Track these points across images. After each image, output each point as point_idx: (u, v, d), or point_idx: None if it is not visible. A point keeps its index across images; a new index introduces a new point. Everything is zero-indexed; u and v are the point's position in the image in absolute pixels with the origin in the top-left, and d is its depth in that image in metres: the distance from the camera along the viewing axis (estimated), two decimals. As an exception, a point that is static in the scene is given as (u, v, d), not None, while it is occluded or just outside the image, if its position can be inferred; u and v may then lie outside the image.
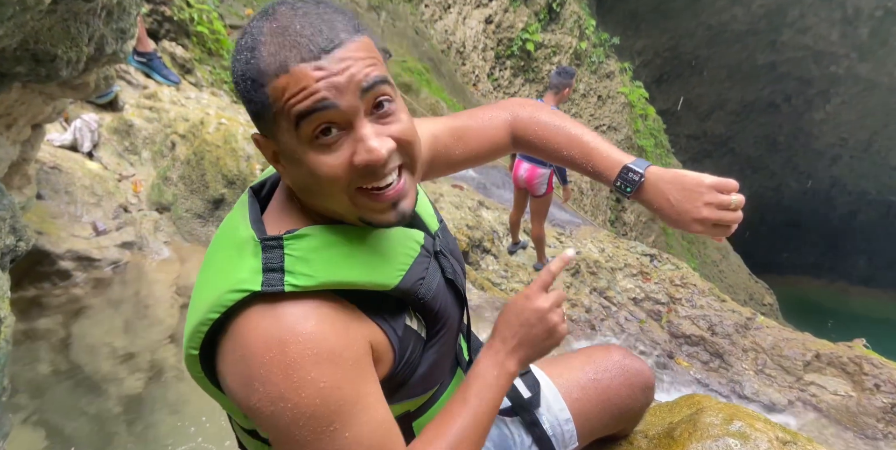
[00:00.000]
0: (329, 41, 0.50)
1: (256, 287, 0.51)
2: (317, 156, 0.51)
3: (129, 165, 3.11)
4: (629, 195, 0.73)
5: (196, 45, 3.84)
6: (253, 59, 0.51)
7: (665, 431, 0.82)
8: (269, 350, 0.50)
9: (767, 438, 0.74)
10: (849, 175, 12.79)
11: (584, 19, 8.98)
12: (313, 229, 0.56)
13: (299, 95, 0.49)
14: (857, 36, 9.87)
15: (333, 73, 0.49)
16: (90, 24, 1.20)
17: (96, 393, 2.03)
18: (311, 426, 0.50)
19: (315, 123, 0.50)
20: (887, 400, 2.81)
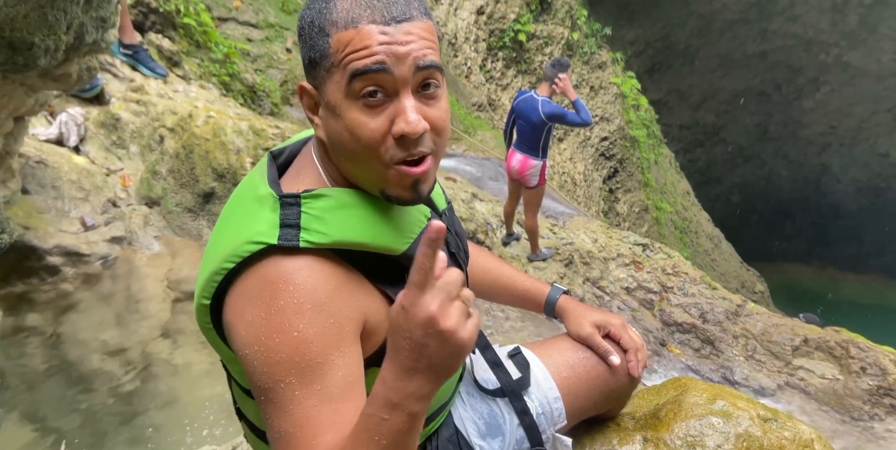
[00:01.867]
0: (402, 13, 0.53)
1: (273, 240, 0.53)
2: (358, 114, 0.54)
3: (116, 160, 3.07)
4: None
5: (183, 37, 3.77)
6: (326, 10, 0.53)
7: (651, 412, 0.84)
8: (262, 295, 0.52)
9: (749, 416, 0.76)
10: (838, 163, 12.91)
11: (575, 10, 8.93)
12: (331, 190, 0.58)
13: (361, 52, 0.52)
14: (846, 24, 9.90)
15: (397, 42, 0.52)
16: (68, 12, 1.17)
17: (87, 387, 2.03)
18: (271, 373, 0.51)
19: (367, 82, 0.52)
20: (873, 382, 2.87)
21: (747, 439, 0.73)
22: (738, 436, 0.74)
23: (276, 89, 4.59)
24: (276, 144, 2.82)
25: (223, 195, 2.77)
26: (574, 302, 0.90)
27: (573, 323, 0.86)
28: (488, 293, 0.95)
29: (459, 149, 6.68)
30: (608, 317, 0.86)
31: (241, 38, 5.09)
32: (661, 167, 10.50)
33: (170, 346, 2.29)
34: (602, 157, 9.41)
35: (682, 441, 0.76)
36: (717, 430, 0.75)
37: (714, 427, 0.75)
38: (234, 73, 4.02)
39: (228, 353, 0.61)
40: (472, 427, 0.79)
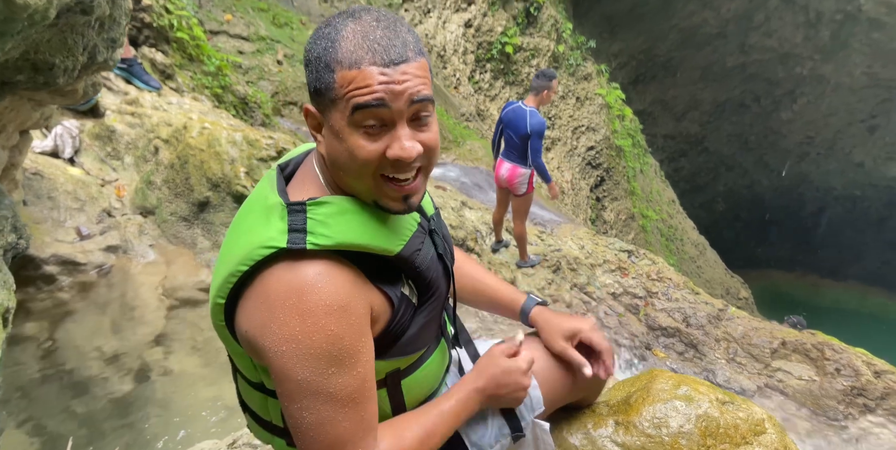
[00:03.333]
0: (399, 56, 0.61)
1: (283, 244, 0.61)
2: (359, 139, 0.62)
3: (111, 171, 3.11)
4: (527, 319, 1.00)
5: (176, 50, 3.84)
6: (331, 49, 0.61)
7: (623, 399, 0.92)
8: (290, 298, 0.59)
9: (708, 399, 0.85)
10: (816, 172, 13.30)
11: (560, 23, 9.17)
12: (332, 198, 0.66)
13: (363, 90, 0.60)
14: (819, 38, 10.30)
15: (394, 81, 0.60)
16: (85, 35, 1.25)
17: (84, 394, 2.06)
18: (312, 367, 0.59)
19: (368, 115, 0.61)
20: (847, 383, 2.99)
21: (706, 419, 0.82)
22: (699, 417, 0.83)
23: (267, 100, 4.67)
24: (269, 153, 2.89)
25: (217, 204, 2.83)
26: (546, 313, 0.95)
27: (545, 339, 0.92)
28: (470, 299, 1.01)
29: (449, 158, 6.79)
30: (577, 324, 0.90)
31: (233, 50, 5.18)
32: (646, 176, 10.72)
33: (164, 352, 2.32)
34: (589, 166, 9.59)
35: (649, 423, 0.84)
36: (679, 412, 0.84)
37: (677, 410, 0.84)
38: (227, 85, 4.09)
39: (237, 348, 0.67)
40: None
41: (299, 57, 5.59)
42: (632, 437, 0.84)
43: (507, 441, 0.86)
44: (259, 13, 5.82)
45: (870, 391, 2.91)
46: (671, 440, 0.81)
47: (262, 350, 0.61)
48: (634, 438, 0.84)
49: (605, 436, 0.86)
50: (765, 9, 10.28)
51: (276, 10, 6.14)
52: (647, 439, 0.83)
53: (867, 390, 2.93)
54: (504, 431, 0.86)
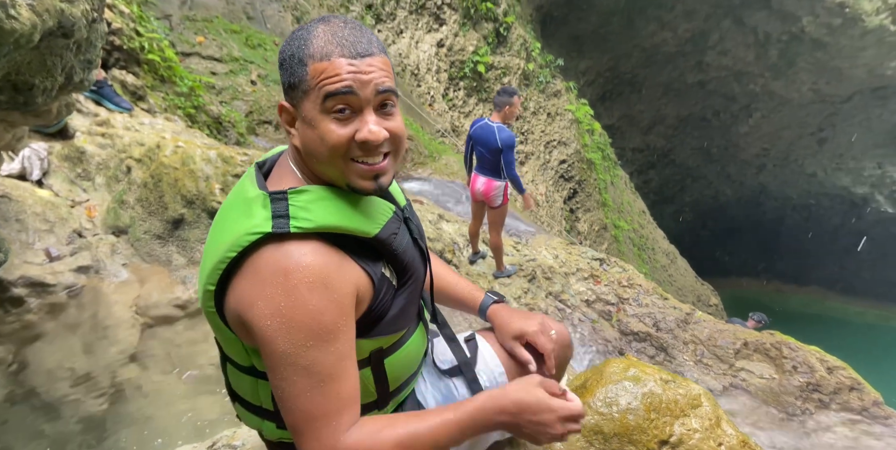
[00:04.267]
0: (365, 49, 0.69)
1: (268, 229, 0.66)
2: (329, 124, 0.69)
3: (81, 191, 3.08)
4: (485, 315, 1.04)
5: (147, 72, 3.87)
6: (304, 46, 0.69)
7: (581, 384, 1.01)
8: (277, 275, 0.64)
9: (653, 379, 0.94)
10: (773, 182, 14.01)
11: (529, 42, 9.54)
12: (311, 187, 0.72)
13: (333, 79, 0.67)
14: (768, 57, 11.02)
15: (362, 72, 0.68)
16: (63, 57, 1.31)
17: (55, 415, 2.02)
18: (293, 340, 0.64)
19: (338, 101, 0.68)
20: (803, 380, 3.16)
21: (651, 396, 0.92)
22: (644, 394, 0.92)
23: (241, 120, 4.71)
24: (244, 170, 2.94)
25: (192, 221, 2.84)
26: (503, 312, 1.01)
27: (498, 337, 0.99)
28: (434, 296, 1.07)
29: (425, 172, 6.91)
30: (525, 325, 0.96)
31: (206, 71, 5.22)
32: (617, 188, 11.07)
33: (139, 370, 2.30)
34: (562, 178, 9.87)
35: (602, 402, 0.93)
36: (628, 391, 0.93)
37: (626, 389, 0.93)
38: (200, 105, 4.12)
39: (228, 334, 0.73)
40: (431, 400, 0.92)
41: (273, 77, 5.66)
42: (587, 416, 0.93)
43: None
44: (232, 35, 5.89)
45: (824, 387, 3.08)
46: (620, 416, 0.90)
47: (250, 325, 0.66)
48: (589, 416, 0.93)
49: (563, 417, 0.94)
50: (718, 29, 10.96)
51: (249, 31, 6.23)
52: (600, 416, 0.92)
53: (821, 386, 3.11)
54: None
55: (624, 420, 0.90)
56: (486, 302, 1.03)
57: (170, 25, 5.26)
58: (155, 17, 4.64)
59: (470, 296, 1.05)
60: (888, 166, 12.26)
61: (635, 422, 0.89)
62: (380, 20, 8.33)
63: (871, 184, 12.66)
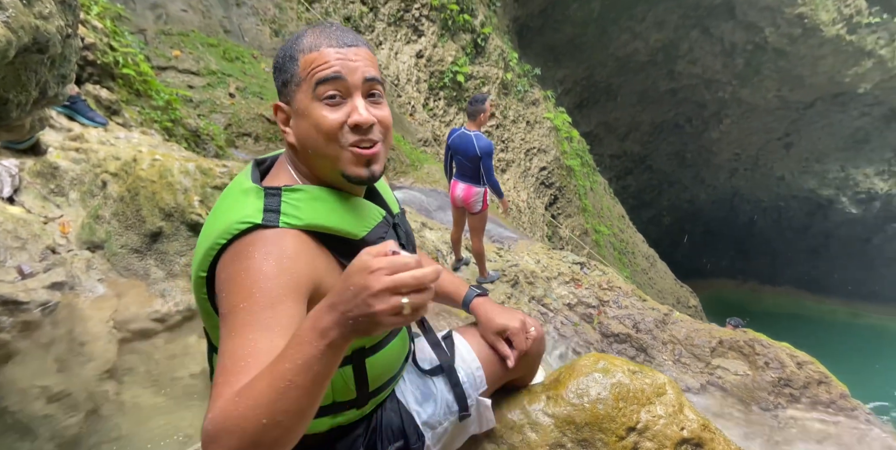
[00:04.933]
0: (351, 41, 0.75)
1: (258, 220, 0.69)
2: (322, 110, 0.73)
3: (55, 208, 3.04)
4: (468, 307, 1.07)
5: (122, 86, 3.85)
6: (295, 44, 0.74)
7: (555, 378, 1.06)
8: (244, 250, 0.68)
9: (622, 370, 1.00)
10: (745, 185, 14.50)
11: (507, 53, 9.74)
12: (306, 186, 0.75)
13: (322, 66, 0.72)
14: (735, 66, 11.49)
15: (349, 59, 0.74)
16: (38, 72, 1.33)
17: (28, 435, 1.97)
18: (232, 301, 0.65)
19: (328, 86, 0.72)
20: (775, 375, 3.28)
21: (619, 386, 0.97)
22: (613, 385, 0.97)
23: (220, 133, 4.69)
24: (224, 181, 2.94)
25: (171, 234, 2.82)
26: (485, 306, 1.06)
27: (481, 331, 1.04)
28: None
29: (407, 181, 6.96)
30: (508, 322, 1.01)
31: (182, 85, 5.19)
32: (596, 193, 11.29)
33: (117, 386, 2.26)
34: (542, 185, 10.04)
35: (574, 394, 0.98)
36: (598, 382, 0.98)
37: (596, 381, 0.98)
38: (177, 118, 4.10)
39: (216, 320, 0.72)
40: (410, 397, 0.96)
41: (252, 90, 5.66)
42: (560, 407, 0.98)
43: (454, 418, 0.97)
44: (209, 48, 5.88)
45: (794, 381, 3.20)
46: (591, 406, 0.95)
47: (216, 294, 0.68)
48: (562, 408, 0.97)
49: (538, 409, 0.99)
50: (687, 39, 11.38)
51: (227, 45, 6.23)
52: (571, 407, 0.97)
53: (792, 381, 3.22)
54: (453, 409, 0.96)
55: (594, 410, 0.95)
56: (470, 295, 1.08)
57: (145, 40, 5.23)
58: (129, 32, 4.62)
59: (454, 289, 1.09)
60: (850, 169, 12.82)
61: (605, 411, 0.94)
62: (358, 32, 8.42)
63: (835, 186, 13.20)
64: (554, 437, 0.97)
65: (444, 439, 0.96)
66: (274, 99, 5.59)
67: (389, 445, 0.90)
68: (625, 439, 0.92)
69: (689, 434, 0.91)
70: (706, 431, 0.93)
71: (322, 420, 0.84)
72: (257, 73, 6.03)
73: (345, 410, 0.85)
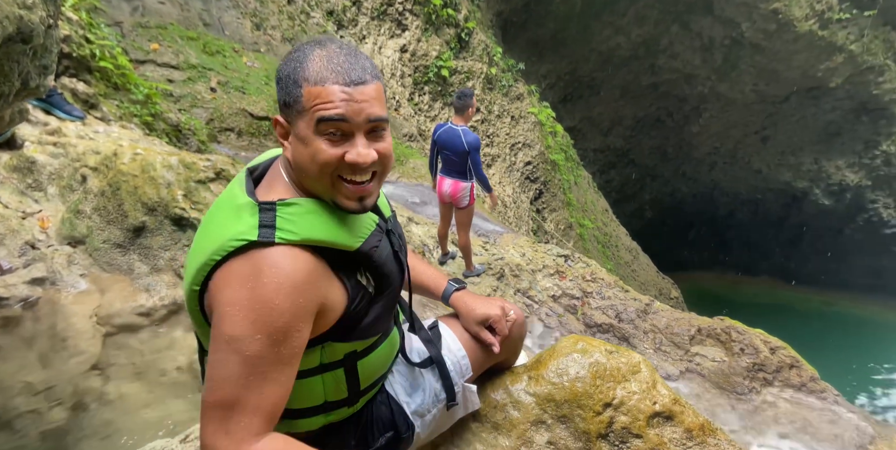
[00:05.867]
0: (359, 77, 0.73)
1: (254, 237, 0.70)
2: (321, 144, 0.73)
3: (33, 202, 2.98)
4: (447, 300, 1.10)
5: (100, 80, 3.77)
6: (300, 68, 0.73)
7: (536, 359, 1.11)
8: (250, 272, 0.69)
9: (599, 350, 1.05)
10: (724, 179, 14.83)
11: (491, 47, 9.76)
12: (300, 200, 0.76)
13: (327, 105, 0.71)
14: (713, 61, 11.72)
15: (354, 100, 0.72)
16: (20, 62, 1.32)
17: (11, 431, 1.96)
18: (245, 329, 0.67)
19: (330, 126, 0.72)
20: (749, 360, 3.40)
21: (596, 365, 1.02)
22: (591, 364, 1.02)
23: (202, 127, 4.63)
24: (207, 175, 2.92)
25: (155, 228, 2.80)
26: (465, 298, 1.09)
27: (463, 322, 1.07)
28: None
29: (393, 176, 6.96)
30: (489, 310, 1.04)
31: (162, 79, 5.10)
32: (580, 188, 11.43)
33: (102, 380, 2.25)
34: (527, 180, 10.12)
35: (554, 373, 1.03)
36: (577, 362, 1.03)
37: (575, 360, 1.03)
38: (157, 113, 4.04)
39: (208, 330, 0.74)
40: (399, 389, 0.99)
41: (234, 84, 5.59)
42: (541, 387, 1.03)
43: (442, 406, 1.00)
44: (188, 42, 5.77)
45: (767, 366, 3.33)
46: (570, 384, 1.00)
47: (213, 307, 0.70)
48: (542, 387, 1.02)
49: (520, 389, 1.04)
50: (667, 34, 11.55)
51: (207, 38, 6.12)
52: (552, 386, 1.02)
53: (765, 365, 3.36)
54: (440, 397, 1.00)
55: (573, 388, 1.00)
56: (449, 289, 1.11)
57: (121, 32, 5.12)
58: (105, 24, 4.51)
59: (434, 284, 1.12)
60: (824, 162, 13.21)
61: (583, 389, 0.99)
62: (342, 26, 8.34)
63: (809, 178, 13.59)
64: (535, 414, 1.02)
65: (431, 425, 1.00)
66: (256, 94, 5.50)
67: (380, 436, 0.93)
68: (601, 414, 0.97)
69: (661, 408, 0.97)
70: (677, 404, 0.99)
71: (314, 419, 0.86)
72: (239, 68, 5.95)
73: (337, 408, 0.87)
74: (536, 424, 1.01)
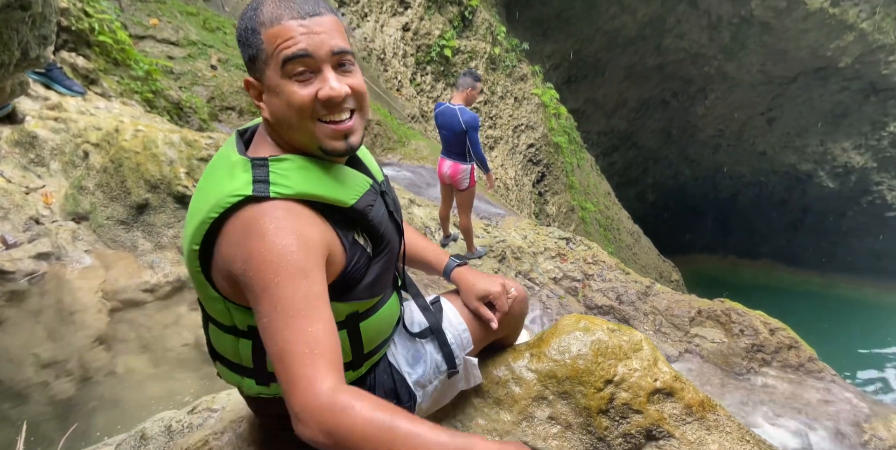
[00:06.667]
0: (312, 9, 0.72)
1: (249, 192, 0.70)
2: (292, 86, 0.71)
3: (36, 178, 2.97)
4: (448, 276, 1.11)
5: (99, 55, 3.71)
6: (254, 14, 0.71)
7: (538, 337, 1.12)
8: (253, 225, 0.69)
9: (601, 329, 1.06)
10: (728, 161, 14.70)
11: (494, 26, 9.54)
12: (291, 156, 0.75)
13: (287, 42, 0.70)
14: (721, 40, 11.45)
15: (314, 32, 0.71)
16: (19, 31, 1.30)
17: (22, 400, 2.00)
18: (265, 278, 0.68)
19: (296, 64, 0.70)
20: (748, 341, 3.44)
21: (598, 343, 1.03)
22: (593, 342, 1.03)
23: (203, 106, 4.58)
24: (210, 153, 2.90)
25: (158, 206, 2.80)
26: (466, 274, 1.09)
27: (463, 297, 1.07)
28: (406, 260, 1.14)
29: (395, 158, 6.91)
30: (489, 286, 1.05)
31: (161, 55, 5.01)
32: (583, 170, 11.34)
33: (109, 354, 2.29)
34: (530, 162, 10.04)
35: (556, 351, 1.04)
36: (579, 340, 1.04)
37: (577, 338, 1.04)
38: (158, 90, 3.99)
39: (212, 293, 0.77)
40: (402, 360, 1.00)
41: (235, 62, 5.49)
42: (542, 363, 1.04)
43: (443, 377, 1.02)
44: (188, 17, 5.65)
45: (766, 347, 3.37)
46: (572, 362, 1.01)
47: (235, 277, 0.71)
48: (544, 364, 1.03)
49: (522, 366, 1.05)
50: (674, 13, 11.26)
51: (206, 14, 5.99)
52: (553, 363, 1.02)
53: (764, 346, 3.39)
54: (442, 368, 1.01)
55: (575, 365, 1.01)
56: (451, 265, 1.11)
57: (120, 6, 5.00)
58: (102, -3, 4.41)
59: (436, 259, 1.12)
60: (829, 144, 13.05)
61: (584, 366, 1.00)
62: (343, 3, 8.14)
63: (814, 160, 13.46)
64: (536, 390, 1.03)
65: (433, 396, 1.02)
66: (257, 71, 5.42)
67: None
68: (602, 391, 0.98)
69: (662, 385, 0.98)
70: (677, 381, 1.00)
71: None
72: (238, 45, 5.82)
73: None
74: (538, 399, 1.02)
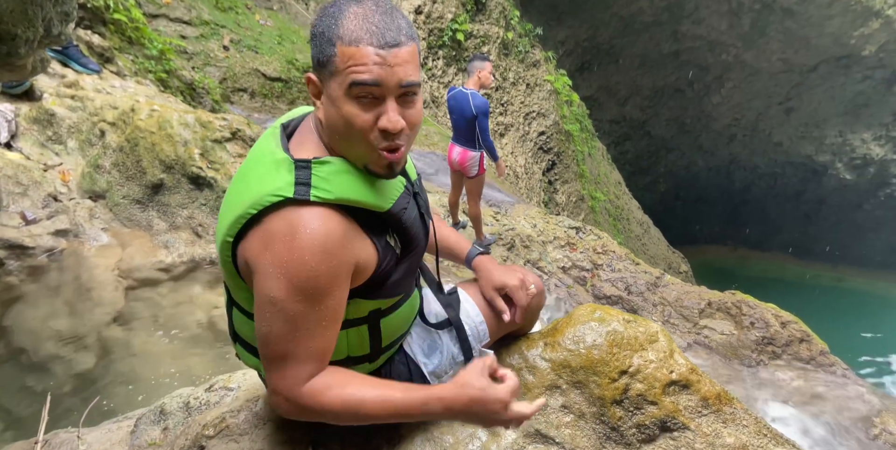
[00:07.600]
0: (394, 39, 0.71)
1: (290, 194, 0.72)
2: (353, 108, 0.72)
3: (54, 155, 3.01)
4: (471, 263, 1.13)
5: (114, 33, 3.70)
6: (334, 25, 0.70)
7: (552, 327, 1.12)
8: (287, 233, 0.71)
9: (616, 319, 1.05)
10: (742, 152, 14.42)
11: (508, 10, 9.34)
12: (333, 159, 0.77)
13: (359, 67, 0.70)
14: (740, 26, 11.11)
15: (388, 64, 0.70)
16: (43, 7, 1.30)
17: (43, 373, 2.06)
18: (286, 290, 0.71)
19: (362, 90, 0.71)
20: (759, 334, 3.42)
21: (614, 333, 1.03)
22: (608, 332, 1.03)
23: (216, 87, 4.56)
24: (224, 135, 2.89)
25: (172, 186, 2.81)
26: (486, 263, 1.11)
27: (481, 286, 1.09)
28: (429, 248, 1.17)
29: (403, 144, 6.88)
30: (507, 279, 1.06)
31: (174, 35, 4.99)
32: (594, 159, 11.22)
33: (126, 331, 2.33)
34: (540, 150, 9.94)
35: (570, 341, 1.04)
36: (594, 330, 1.04)
37: (592, 328, 1.04)
38: (171, 69, 3.98)
39: (239, 281, 0.79)
40: (417, 350, 1.01)
41: (247, 43, 5.44)
42: (556, 353, 1.04)
43: (459, 368, 1.03)
44: (200, -5, 5.60)
45: (777, 340, 3.35)
46: (586, 352, 1.01)
47: (254, 269, 0.73)
48: (558, 353, 1.03)
49: (536, 355, 1.05)
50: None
51: (218, -8, 5.92)
52: (568, 353, 1.02)
53: (775, 339, 3.37)
54: (458, 359, 1.03)
55: (589, 355, 1.01)
56: (473, 253, 1.13)
57: (131, -16, 4.96)
58: (115, -24, 4.37)
59: (458, 247, 1.14)
60: (849, 134, 12.73)
61: (599, 356, 1.00)
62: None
63: (832, 152, 13.16)
64: (550, 379, 1.03)
65: None
66: (269, 54, 5.40)
67: None
68: (617, 381, 0.98)
69: (678, 377, 0.98)
70: (693, 374, 1.00)
71: None
72: (251, 25, 5.78)
73: (358, 364, 0.90)
74: (551, 388, 1.02)
